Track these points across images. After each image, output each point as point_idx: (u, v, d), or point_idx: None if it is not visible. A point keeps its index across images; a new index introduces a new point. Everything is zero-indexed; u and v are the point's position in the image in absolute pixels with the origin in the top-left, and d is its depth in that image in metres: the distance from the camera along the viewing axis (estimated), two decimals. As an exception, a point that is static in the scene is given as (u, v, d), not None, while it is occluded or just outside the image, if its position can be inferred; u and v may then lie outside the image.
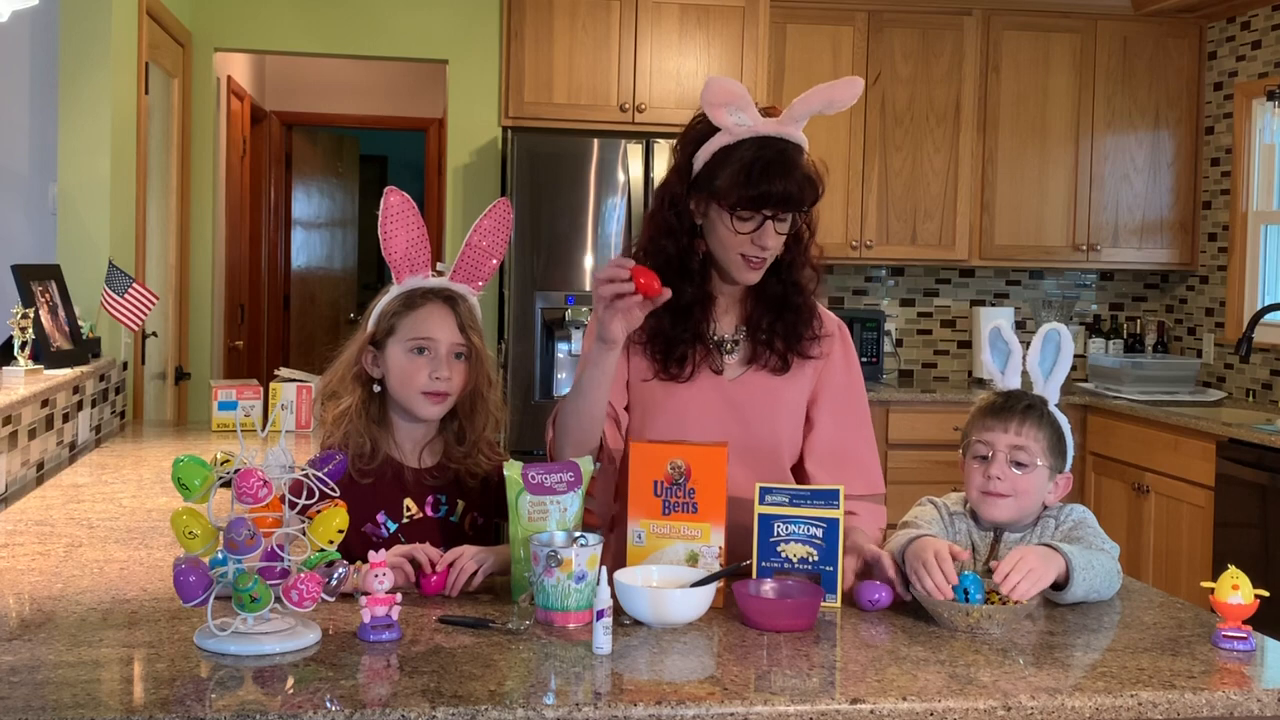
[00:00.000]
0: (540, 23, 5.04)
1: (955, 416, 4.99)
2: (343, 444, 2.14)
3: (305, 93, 7.31)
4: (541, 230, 4.86)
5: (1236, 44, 5.53)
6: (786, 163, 2.08)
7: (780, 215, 2.09)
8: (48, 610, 1.89)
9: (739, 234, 2.09)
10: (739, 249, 2.10)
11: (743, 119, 2.10)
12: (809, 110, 2.11)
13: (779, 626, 1.83)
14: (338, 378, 2.20)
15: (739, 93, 2.11)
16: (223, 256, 5.82)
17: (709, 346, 2.18)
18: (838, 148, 5.46)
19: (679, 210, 2.14)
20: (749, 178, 2.06)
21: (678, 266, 2.14)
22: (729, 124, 2.10)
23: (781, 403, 2.20)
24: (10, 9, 3.10)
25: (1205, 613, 1.96)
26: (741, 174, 2.07)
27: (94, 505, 2.79)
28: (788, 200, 2.07)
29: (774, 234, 2.09)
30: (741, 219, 2.08)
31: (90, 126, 3.91)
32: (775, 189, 2.06)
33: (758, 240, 2.09)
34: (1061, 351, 2.18)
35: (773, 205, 2.07)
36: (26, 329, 3.30)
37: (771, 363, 2.19)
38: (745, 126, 2.10)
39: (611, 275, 1.96)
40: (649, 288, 1.96)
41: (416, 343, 2.15)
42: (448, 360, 2.16)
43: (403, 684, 1.59)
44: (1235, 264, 5.49)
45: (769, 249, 2.10)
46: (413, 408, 2.16)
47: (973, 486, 2.14)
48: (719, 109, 2.10)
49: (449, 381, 2.15)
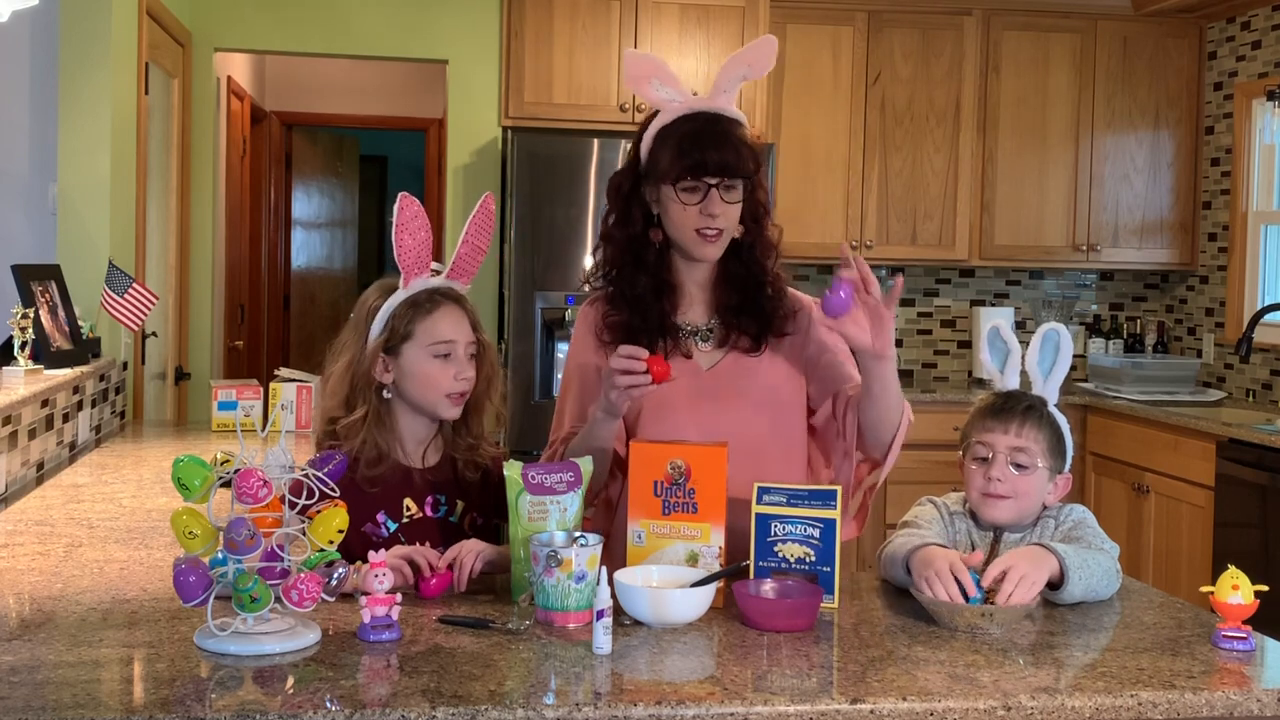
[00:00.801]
0: (540, 23, 5.05)
1: (955, 416, 4.97)
2: (355, 454, 2.13)
3: (305, 93, 7.31)
4: (541, 230, 4.86)
5: (1236, 44, 5.53)
6: (719, 132, 2.12)
7: (725, 183, 2.12)
8: (48, 610, 1.89)
9: (688, 207, 2.12)
10: (692, 225, 2.13)
11: (670, 93, 2.16)
12: (732, 79, 2.16)
13: (779, 626, 1.83)
14: (347, 389, 2.17)
15: (658, 64, 2.17)
16: (223, 256, 5.82)
17: (677, 336, 2.20)
18: (838, 148, 5.46)
19: (629, 201, 2.18)
20: (683, 149, 2.11)
21: (631, 257, 2.19)
22: (657, 99, 2.16)
23: (760, 386, 2.19)
24: (10, 9, 3.10)
25: (1205, 613, 1.96)
26: (677, 147, 2.12)
27: (94, 505, 2.79)
28: (725, 167, 2.11)
29: (720, 202, 2.12)
30: (687, 191, 2.12)
31: (90, 126, 3.91)
32: (711, 157, 2.10)
33: (706, 210, 2.11)
34: (1060, 351, 2.17)
35: (712, 172, 2.10)
36: (26, 329, 3.30)
37: (743, 344, 2.21)
38: (676, 103, 2.16)
39: (628, 367, 1.99)
40: (662, 375, 1.99)
41: (438, 347, 2.15)
42: (465, 360, 2.17)
43: (403, 684, 1.59)
44: (1235, 264, 5.49)
45: (717, 217, 2.13)
46: (436, 410, 2.17)
47: (973, 488, 2.14)
48: (642, 83, 2.16)
49: (469, 381, 2.17)
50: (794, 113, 5.41)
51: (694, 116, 2.14)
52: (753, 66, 2.16)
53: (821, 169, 5.44)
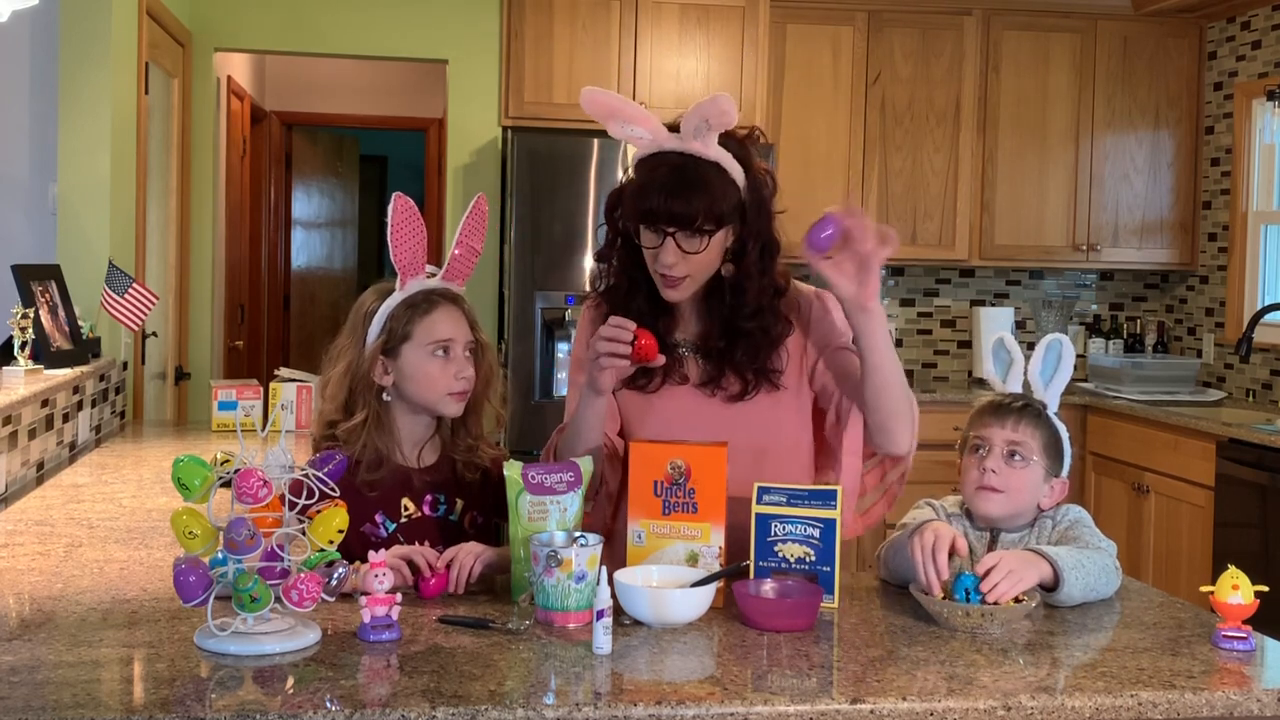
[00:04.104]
0: (540, 23, 5.05)
1: (955, 416, 4.96)
2: (358, 458, 2.13)
3: (305, 93, 7.31)
4: (541, 230, 4.86)
5: (1236, 44, 5.53)
6: (680, 179, 2.01)
7: (683, 233, 2.03)
8: (48, 610, 1.89)
9: (649, 249, 2.08)
10: (655, 267, 2.08)
11: (636, 130, 2.07)
12: (696, 124, 2.03)
13: (779, 626, 1.84)
14: (345, 394, 2.17)
15: (615, 105, 2.08)
16: (223, 256, 5.82)
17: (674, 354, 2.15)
18: (838, 147, 5.46)
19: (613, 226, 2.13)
20: (638, 194, 2.05)
21: (627, 281, 2.14)
22: (624, 135, 2.08)
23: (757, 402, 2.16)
24: (10, 9, 3.10)
25: (1205, 613, 1.96)
26: (637, 191, 2.05)
27: (94, 505, 2.79)
28: (674, 218, 2.01)
29: (675, 250, 2.03)
30: (647, 234, 2.06)
31: (90, 126, 3.91)
32: (660, 206, 2.01)
33: (657, 259, 2.05)
34: (1063, 361, 2.18)
35: (664, 222, 2.02)
36: (26, 329, 3.30)
37: (733, 388, 2.14)
38: (646, 139, 2.07)
39: (612, 336, 1.96)
40: (646, 350, 1.97)
41: (437, 344, 2.15)
42: (464, 359, 2.17)
43: (403, 684, 1.59)
44: (1235, 264, 5.49)
45: (672, 266, 2.05)
46: (438, 408, 2.17)
47: (968, 482, 2.14)
48: (607, 121, 2.09)
49: (470, 379, 2.17)
50: (794, 113, 5.41)
51: (659, 159, 2.05)
52: (710, 121, 2.03)
53: (821, 169, 5.44)
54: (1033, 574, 1.92)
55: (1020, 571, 1.90)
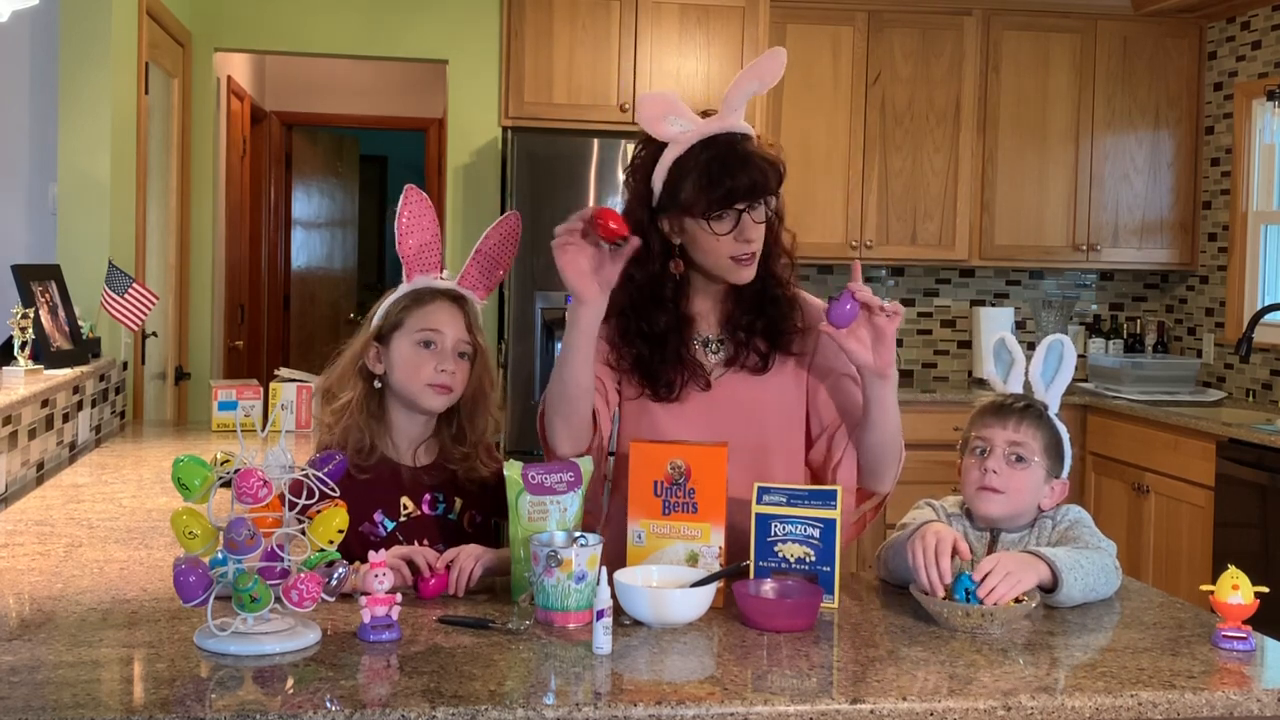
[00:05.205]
0: (540, 23, 5.05)
1: (955, 417, 4.97)
2: (341, 440, 2.14)
3: (305, 93, 7.31)
4: (541, 230, 4.76)
5: (1236, 44, 5.53)
6: (740, 153, 2.07)
7: (753, 205, 2.08)
8: (48, 610, 1.89)
9: (721, 237, 2.08)
10: (727, 252, 2.09)
11: (683, 124, 2.10)
12: (744, 95, 2.10)
13: (779, 626, 1.83)
14: (338, 374, 2.21)
15: (671, 100, 2.12)
16: (223, 256, 5.82)
17: (694, 365, 2.16)
18: (838, 148, 5.46)
19: (645, 237, 2.10)
20: (710, 179, 2.05)
21: (649, 295, 2.14)
22: (672, 134, 2.09)
23: (762, 403, 2.18)
24: (10, 9, 3.10)
25: (1205, 613, 1.96)
26: (702, 179, 2.06)
27: (94, 505, 2.79)
28: (754, 189, 2.06)
29: (753, 225, 2.09)
30: (718, 220, 2.07)
31: (90, 126, 3.91)
32: (739, 181, 2.05)
33: (740, 237, 2.08)
34: (1064, 362, 2.18)
35: (742, 197, 2.06)
36: (26, 329, 3.30)
37: (751, 362, 2.18)
38: (689, 131, 2.10)
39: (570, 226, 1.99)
40: (605, 228, 1.95)
41: (424, 335, 2.16)
42: (453, 356, 2.17)
43: (403, 684, 1.59)
44: (1235, 264, 5.49)
45: (754, 242, 2.10)
46: (418, 400, 2.17)
47: (969, 483, 2.15)
48: (658, 123, 2.10)
49: (453, 376, 2.16)
50: (794, 112, 5.41)
51: (711, 142, 2.08)
52: (763, 80, 2.11)
53: (821, 169, 5.44)
54: (1030, 576, 1.92)
55: (1018, 573, 1.90)
